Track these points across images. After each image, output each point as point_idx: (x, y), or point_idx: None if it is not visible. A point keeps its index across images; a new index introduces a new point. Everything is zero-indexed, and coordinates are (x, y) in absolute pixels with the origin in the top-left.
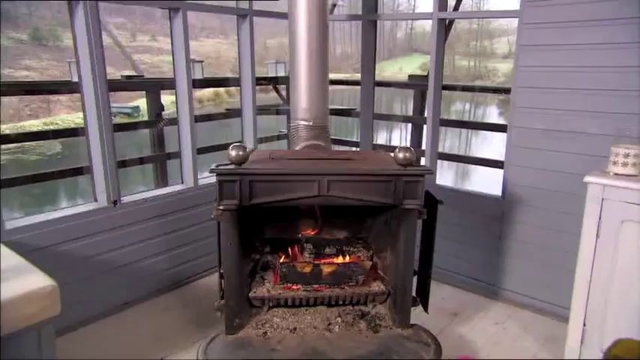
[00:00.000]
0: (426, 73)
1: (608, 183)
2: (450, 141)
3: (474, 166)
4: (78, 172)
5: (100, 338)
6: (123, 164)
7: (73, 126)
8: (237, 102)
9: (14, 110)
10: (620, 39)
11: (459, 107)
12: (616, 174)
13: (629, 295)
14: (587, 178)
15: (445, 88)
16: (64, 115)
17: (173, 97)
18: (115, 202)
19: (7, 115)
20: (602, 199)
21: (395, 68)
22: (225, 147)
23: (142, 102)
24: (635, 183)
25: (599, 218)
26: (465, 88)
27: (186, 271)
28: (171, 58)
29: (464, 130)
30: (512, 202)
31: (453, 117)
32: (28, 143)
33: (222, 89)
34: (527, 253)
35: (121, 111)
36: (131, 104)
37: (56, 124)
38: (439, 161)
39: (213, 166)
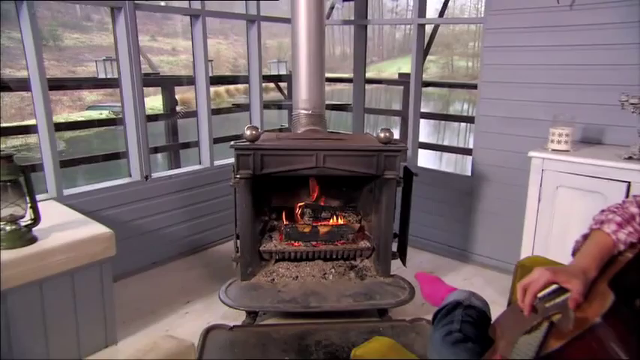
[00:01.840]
0: (423, 73)
1: (547, 157)
2: (449, 139)
3: (470, 158)
4: (116, 156)
5: (135, 288)
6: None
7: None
8: (237, 101)
9: (16, 110)
10: (562, 42)
11: (457, 107)
12: (553, 150)
13: (564, 245)
14: (531, 153)
15: (431, 84)
16: (66, 114)
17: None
18: (146, 177)
19: (9, 114)
20: (542, 170)
21: (394, 68)
22: (230, 139)
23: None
24: (567, 156)
25: (540, 185)
26: (452, 85)
27: (204, 239)
28: (171, 58)
29: (462, 129)
30: (480, 179)
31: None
32: (32, 141)
33: (222, 89)
34: (491, 222)
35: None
36: None
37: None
38: (441, 156)
39: (232, 143)
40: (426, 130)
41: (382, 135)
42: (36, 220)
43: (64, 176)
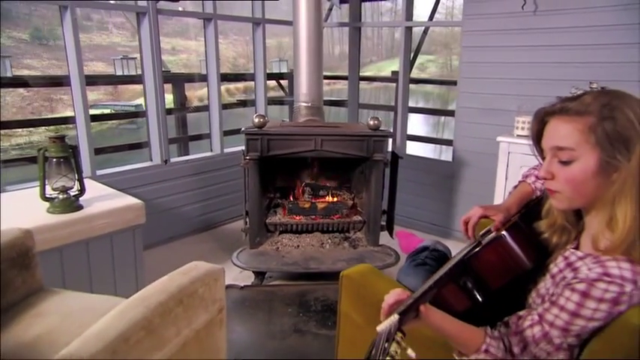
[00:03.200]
0: (422, 73)
1: (512, 141)
2: (448, 135)
3: None
4: (139, 146)
5: (156, 258)
6: None
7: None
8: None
9: (17, 109)
10: (527, 43)
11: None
12: (518, 135)
13: None
14: (499, 138)
15: (420, 82)
16: (69, 113)
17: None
18: (165, 161)
19: (10, 113)
20: (509, 152)
21: (394, 67)
22: (235, 132)
23: (143, 100)
24: (529, 141)
25: (507, 165)
26: (442, 83)
27: (215, 218)
28: (171, 57)
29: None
30: (459, 164)
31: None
32: (36, 139)
33: (222, 89)
34: (469, 201)
35: (124, 109)
36: (134, 102)
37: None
38: (440, 149)
39: (242, 129)
40: (425, 129)
41: (371, 122)
42: (82, 191)
43: None
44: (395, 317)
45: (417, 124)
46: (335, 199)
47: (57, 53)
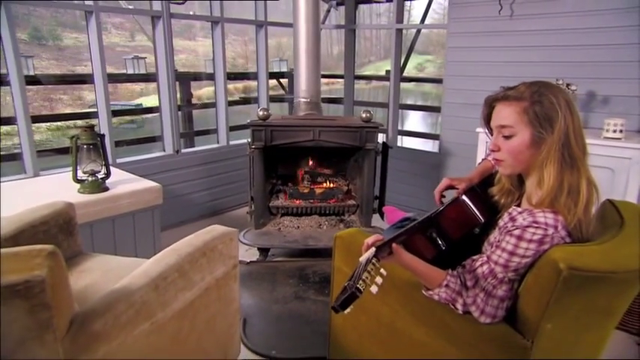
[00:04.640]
0: (421, 73)
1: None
2: None
3: None
4: (152, 139)
5: (169, 239)
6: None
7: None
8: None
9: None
10: (505, 44)
11: None
12: None
13: None
14: (478, 129)
15: (412, 80)
16: (69, 112)
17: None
18: (177, 151)
19: (10, 112)
20: (486, 142)
21: (389, 67)
22: (237, 128)
23: (142, 100)
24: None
25: (485, 154)
26: (434, 81)
27: (221, 205)
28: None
29: None
30: (445, 155)
31: None
32: (38, 138)
33: None
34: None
35: (124, 108)
36: (134, 102)
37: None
38: (438, 144)
39: (248, 121)
40: (424, 128)
41: (364, 115)
42: (108, 174)
43: None
44: (372, 250)
45: (416, 123)
46: (331, 185)
47: (56, 53)
